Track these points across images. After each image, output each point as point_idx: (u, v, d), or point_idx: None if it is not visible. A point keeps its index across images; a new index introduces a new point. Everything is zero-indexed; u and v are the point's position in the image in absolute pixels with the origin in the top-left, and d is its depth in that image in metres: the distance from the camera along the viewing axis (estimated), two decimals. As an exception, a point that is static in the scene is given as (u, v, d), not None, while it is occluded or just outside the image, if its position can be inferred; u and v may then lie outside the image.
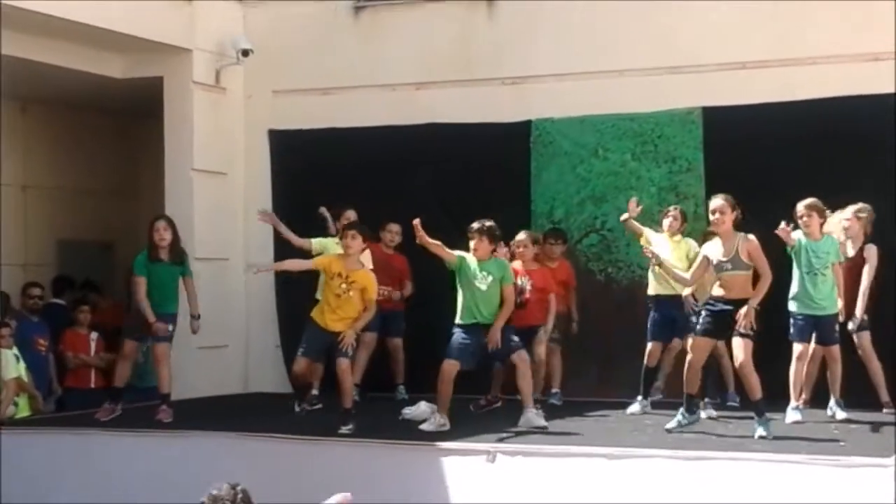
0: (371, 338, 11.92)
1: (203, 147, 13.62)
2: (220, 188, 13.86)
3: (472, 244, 10.08)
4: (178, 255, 11.08)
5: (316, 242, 11.11)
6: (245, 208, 14.08)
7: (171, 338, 10.99)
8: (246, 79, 14.09)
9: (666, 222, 11.28)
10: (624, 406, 11.12)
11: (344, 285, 10.06)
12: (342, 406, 10.03)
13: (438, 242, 10.07)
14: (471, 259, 10.10)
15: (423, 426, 9.93)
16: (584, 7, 12.85)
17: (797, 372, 10.28)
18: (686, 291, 10.62)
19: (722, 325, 9.41)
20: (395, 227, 12.28)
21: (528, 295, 11.03)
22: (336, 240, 10.96)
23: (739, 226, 9.52)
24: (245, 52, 13.68)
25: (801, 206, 10.31)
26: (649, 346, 11.06)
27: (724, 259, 9.43)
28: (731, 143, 12.10)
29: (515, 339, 10.10)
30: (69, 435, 10.51)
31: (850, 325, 10.53)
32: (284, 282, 13.20)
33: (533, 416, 9.82)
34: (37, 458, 10.31)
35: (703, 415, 10.29)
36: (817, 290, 10.26)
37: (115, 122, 15.89)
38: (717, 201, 9.47)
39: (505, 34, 13.25)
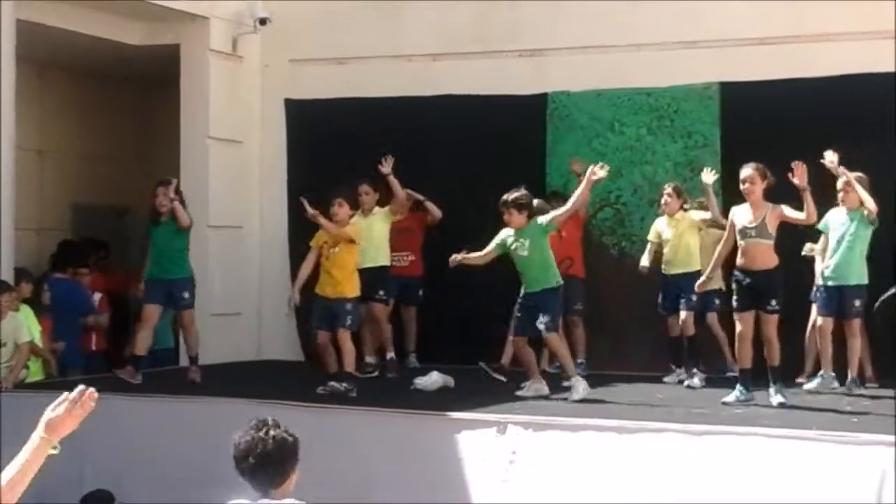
0: (383, 310, 11.98)
1: (219, 115, 13.64)
2: (235, 156, 13.89)
3: (504, 218, 10.20)
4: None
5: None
6: (260, 177, 14.12)
7: (192, 304, 11.32)
8: (263, 47, 14.08)
9: (662, 203, 11.35)
10: (635, 379, 11.19)
11: (331, 249, 10.61)
12: (342, 370, 10.49)
13: (475, 254, 10.27)
14: (506, 233, 10.22)
15: (520, 392, 10.08)
16: (602, -20, 12.82)
17: (822, 345, 10.44)
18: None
19: (751, 295, 9.53)
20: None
21: None
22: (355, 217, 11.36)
23: (771, 195, 9.57)
24: (262, 21, 13.68)
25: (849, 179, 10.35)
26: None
27: (750, 226, 9.51)
28: (749, 119, 12.10)
29: (545, 319, 10.05)
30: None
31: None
32: (299, 251, 13.20)
33: (578, 384, 9.96)
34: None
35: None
36: (833, 261, 10.35)
37: (131, 89, 15.90)
38: (747, 170, 9.56)
39: (523, 6, 13.21)
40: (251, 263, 13.97)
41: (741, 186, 9.62)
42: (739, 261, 9.64)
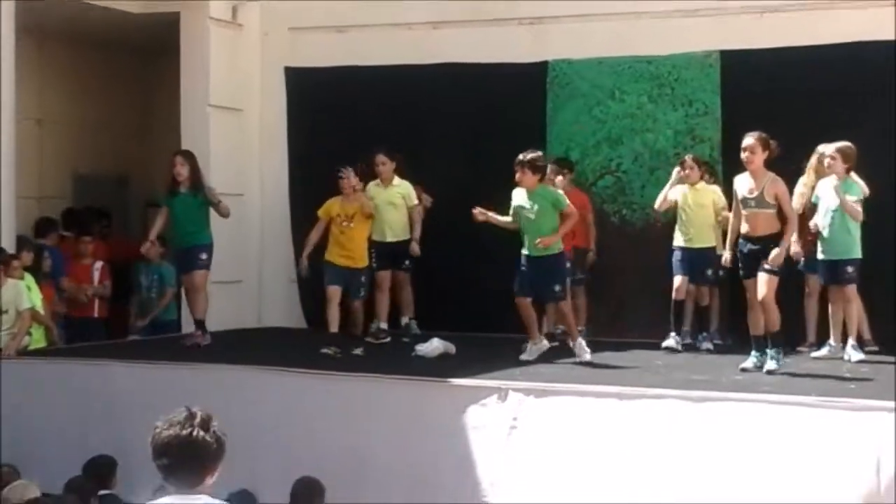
0: (384, 276, 12.01)
1: (219, 83, 13.63)
2: (236, 124, 13.88)
3: (517, 177, 10.28)
4: (197, 187, 11.37)
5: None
6: (261, 145, 14.13)
7: (208, 266, 11.45)
8: (262, 16, 14.05)
9: (683, 174, 11.40)
10: (635, 346, 11.23)
11: (345, 222, 10.94)
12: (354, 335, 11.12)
13: (500, 219, 10.47)
14: (518, 193, 10.36)
15: (523, 356, 10.19)
16: (603, -53, 12.76)
17: (834, 315, 10.57)
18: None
19: (752, 260, 9.58)
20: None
21: None
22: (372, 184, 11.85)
23: (773, 164, 9.59)
24: (262, -11, 13.68)
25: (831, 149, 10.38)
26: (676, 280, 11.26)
27: (750, 196, 9.56)
28: (749, 87, 12.06)
29: (557, 288, 10.32)
30: (83, 366, 10.60)
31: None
32: (300, 219, 13.21)
33: (580, 348, 10.20)
34: (51, 389, 10.39)
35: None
36: (825, 233, 10.42)
37: (131, 58, 15.86)
38: (749, 140, 9.59)
39: (523, -27, 13.17)
40: (252, 231, 13.98)
41: (742, 155, 9.63)
42: (743, 229, 9.69)
